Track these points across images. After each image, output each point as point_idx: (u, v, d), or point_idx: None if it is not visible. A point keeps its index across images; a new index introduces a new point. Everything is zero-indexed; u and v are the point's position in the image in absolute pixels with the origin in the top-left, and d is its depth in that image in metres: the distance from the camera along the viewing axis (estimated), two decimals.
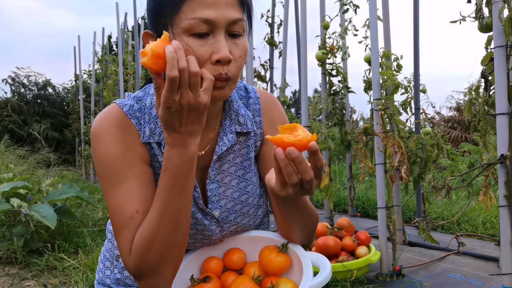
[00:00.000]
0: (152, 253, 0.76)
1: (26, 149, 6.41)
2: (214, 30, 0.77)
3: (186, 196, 0.77)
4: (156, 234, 0.76)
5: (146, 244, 0.76)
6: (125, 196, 0.80)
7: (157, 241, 0.76)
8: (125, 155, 0.83)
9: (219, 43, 0.77)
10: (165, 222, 0.76)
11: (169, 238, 0.77)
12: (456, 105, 8.06)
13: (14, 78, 9.67)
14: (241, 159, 0.95)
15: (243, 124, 0.93)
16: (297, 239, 0.92)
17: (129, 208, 0.80)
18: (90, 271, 2.06)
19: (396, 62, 2.38)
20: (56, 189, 2.73)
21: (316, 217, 0.92)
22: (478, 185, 3.98)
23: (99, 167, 0.83)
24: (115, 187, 0.81)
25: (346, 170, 3.47)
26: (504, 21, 1.57)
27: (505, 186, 1.63)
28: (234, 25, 0.78)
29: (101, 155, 0.83)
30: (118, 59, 5.53)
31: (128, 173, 0.82)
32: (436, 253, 2.39)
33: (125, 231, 0.79)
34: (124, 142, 0.84)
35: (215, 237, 0.94)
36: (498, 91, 1.63)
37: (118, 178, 0.81)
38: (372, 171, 2.17)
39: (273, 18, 3.80)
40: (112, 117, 0.85)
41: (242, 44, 0.81)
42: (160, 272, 0.78)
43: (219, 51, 0.76)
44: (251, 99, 0.98)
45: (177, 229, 0.77)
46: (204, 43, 0.77)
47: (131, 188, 0.81)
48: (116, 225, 0.80)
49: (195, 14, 0.75)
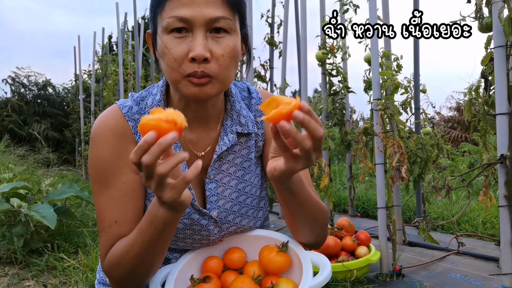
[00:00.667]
0: (117, 272, 0.81)
1: (26, 149, 6.41)
2: (192, 29, 0.78)
3: (168, 243, 0.79)
4: (122, 260, 0.80)
5: (115, 263, 0.81)
6: (107, 204, 0.85)
7: (122, 266, 0.80)
8: (114, 162, 0.85)
9: (195, 41, 0.77)
10: (141, 259, 0.79)
11: (141, 266, 0.80)
12: (456, 105, 8.05)
13: (14, 78, 9.67)
14: (241, 160, 0.95)
15: (244, 125, 0.93)
16: (306, 236, 0.90)
17: (109, 216, 0.84)
18: (90, 271, 2.06)
19: (396, 62, 2.38)
20: (56, 189, 2.73)
21: (325, 211, 0.90)
22: (478, 185, 3.98)
23: (91, 168, 0.87)
24: (101, 192, 0.86)
25: (346, 170, 3.47)
26: (504, 21, 1.57)
27: (505, 186, 1.63)
28: (215, 23, 0.78)
29: (94, 158, 0.86)
30: (118, 59, 5.53)
31: (114, 181, 0.85)
32: (436, 253, 2.39)
33: (104, 236, 0.85)
34: (115, 149, 0.86)
35: (214, 237, 0.94)
36: (498, 91, 1.63)
37: (105, 183, 0.85)
38: (372, 171, 2.17)
39: (273, 18, 3.79)
40: (109, 121, 0.88)
41: (226, 43, 0.79)
42: (125, 285, 0.83)
43: (194, 49, 0.77)
44: (253, 99, 0.98)
45: (151, 260, 0.80)
46: (181, 41, 0.78)
47: (113, 197, 0.84)
48: (99, 227, 0.87)
49: (173, 13, 0.77)
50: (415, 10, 1.85)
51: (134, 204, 0.86)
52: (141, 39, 5.55)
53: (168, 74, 0.81)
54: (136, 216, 0.86)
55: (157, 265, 0.82)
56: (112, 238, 0.84)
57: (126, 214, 0.84)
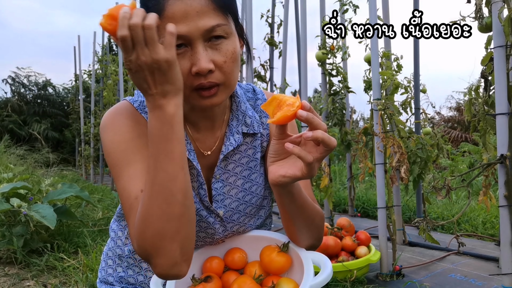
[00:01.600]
0: (149, 229, 0.71)
1: (25, 149, 6.41)
2: (190, 43, 0.76)
3: (174, 161, 0.71)
4: (149, 206, 0.71)
5: (142, 220, 0.72)
6: (131, 179, 0.79)
7: (152, 214, 0.71)
8: (134, 140, 0.82)
9: (196, 55, 0.76)
10: (156, 192, 0.71)
11: (163, 210, 0.71)
12: (456, 105, 8.06)
13: (14, 78, 9.67)
14: (247, 160, 0.95)
15: (249, 125, 0.94)
16: (303, 240, 0.91)
17: (134, 189, 0.78)
18: (90, 271, 2.06)
19: (396, 62, 2.38)
20: (56, 189, 2.73)
21: (321, 216, 0.92)
22: (478, 185, 3.99)
23: (108, 155, 0.83)
24: (123, 172, 0.80)
25: (346, 170, 3.47)
26: (504, 21, 1.57)
27: (505, 186, 1.63)
28: (212, 33, 0.77)
29: (109, 142, 0.83)
30: (118, 59, 5.53)
31: (136, 156, 0.81)
32: (436, 253, 2.39)
33: (132, 213, 0.76)
34: (133, 130, 0.83)
35: (218, 236, 0.95)
36: (498, 91, 1.63)
37: (126, 162, 0.80)
38: (372, 171, 2.17)
39: (273, 18, 3.79)
40: (122, 110, 0.87)
41: (225, 49, 0.79)
42: (163, 249, 0.71)
43: (197, 63, 0.76)
44: (259, 100, 0.99)
45: (170, 198, 0.71)
46: (182, 57, 0.76)
47: (137, 170, 0.79)
48: (125, 209, 0.79)
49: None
50: (415, 10, 1.85)
51: None
52: None
53: None
54: None
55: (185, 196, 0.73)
56: None
57: None
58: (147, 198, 0.72)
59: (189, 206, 0.74)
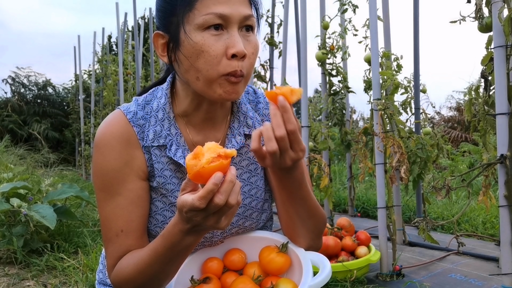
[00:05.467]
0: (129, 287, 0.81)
1: (25, 149, 6.41)
2: (228, 26, 0.78)
3: (173, 265, 0.79)
4: (134, 278, 0.80)
5: (126, 279, 0.81)
6: (113, 213, 0.84)
7: (134, 283, 0.80)
8: (121, 170, 0.84)
9: (233, 38, 0.78)
10: (145, 274, 0.78)
11: (149, 285, 0.81)
12: (456, 105, 8.05)
13: (14, 78, 9.67)
14: (247, 163, 0.95)
15: (251, 127, 0.94)
16: (303, 240, 0.90)
17: (115, 225, 0.84)
18: (90, 271, 2.06)
19: (396, 62, 2.38)
20: (56, 189, 2.73)
21: (323, 216, 0.91)
22: (478, 185, 3.98)
23: (96, 177, 0.86)
24: (107, 200, 0.85)
25: (346, 170, 3.47)
26: (504, 21, 1.57)
27: (505, 186, 1.63)
28: (246, 21, 0.80)
29: (99, 167, 0.85)
30: (118, 59, 5.52)
31: (120, 189, 0.84)
32: (436, 253, 2.39)
33: (111, 246, 0.84)
34: (121, 157, 0.85)
35: (216, 238, 0.94)
36: (498, 91, 1.63)
37: (111, 192, 0.84)
38: (372, 171, 2.17)
39: (273, 18, 3.79)
40: (114, 128, 0.86)
41: (254, 41, 0.82)
42: None
43: (235, 46, 0.77)
44: (261, 103, 0.98)
45: (155, 281, 0.80)
46: (219, 38, 0.78)
47: (119, 205, 0.84)
48: (105, 237, 0.86)
49: (210, 10, 0.77)
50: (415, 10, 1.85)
51: (140, 212, 0.86)
52: (141, 39, 5.55)
53: (204, 73, 0.79)
54: (141, 224, 0.86)
55: (171, 277, 0.83)
56: (119, 248, 0.83)
57: (132, 223, 0.84)
58: (136, 273, 0.79)
59: (163, 283, 0.83)
